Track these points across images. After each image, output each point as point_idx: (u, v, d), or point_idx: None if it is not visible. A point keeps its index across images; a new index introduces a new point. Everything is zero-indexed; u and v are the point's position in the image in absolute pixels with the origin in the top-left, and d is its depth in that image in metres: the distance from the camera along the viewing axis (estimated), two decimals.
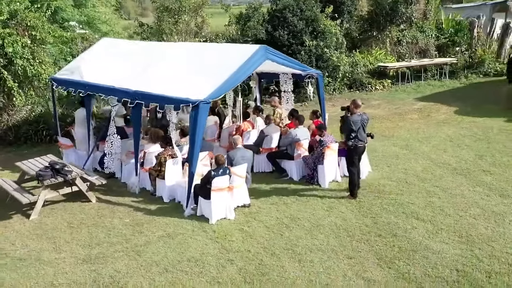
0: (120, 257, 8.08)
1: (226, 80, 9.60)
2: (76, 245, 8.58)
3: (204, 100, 9.20)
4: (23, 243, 8.73)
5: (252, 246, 8.25)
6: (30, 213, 9.84)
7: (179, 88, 9.86)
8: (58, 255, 8.24)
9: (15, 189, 10.14)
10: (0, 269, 7.90)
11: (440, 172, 11.08)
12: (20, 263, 8.03)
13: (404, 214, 9.11)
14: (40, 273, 7.72)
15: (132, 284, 7.31)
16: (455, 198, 9.65)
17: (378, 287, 6.97)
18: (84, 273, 7.65)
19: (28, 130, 15.54)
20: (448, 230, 8.42)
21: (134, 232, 8.95)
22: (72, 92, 12.49)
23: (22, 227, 9.38)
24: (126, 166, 11.46)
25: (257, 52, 10.12)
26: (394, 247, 7.96)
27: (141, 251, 8.25)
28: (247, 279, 7.32)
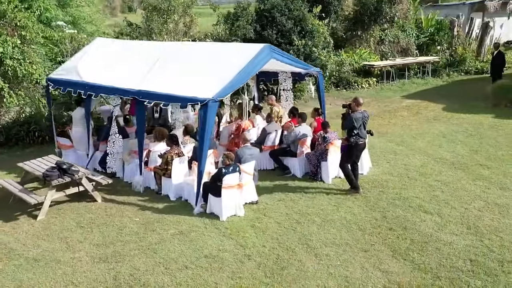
0: (137, 255, 8.12)
1: (233, 79, 9.70)
2: (90, 244, 8.58)
3: (213, 99, 9.28)
4: (35, 244, 8.68)
5: (266, 241, 8.38)
6: (36, 214, 9.79)
7: (184, 87, 9.91)
8: (73, 255, 8.23)
9: (20, 190, 10.06)
10: (16, 269, 7.86)
11: (439, 167, 11.39)
12: (35, 263, 8.00)
13: (411, 207, 9.36)
14: (57, 272, 7.70)
15: (153, 281, 7.36)
16: (458, 192, 9.95)
17: (396, 278, 7.17)
18: (103, 272, 7.67)
19: (19, 131, 15.33)
20: (456, 222, 8.70)
21: (146, 230, 8.98)
22: (72, 93, 12.36)
23: (31, 228, 9.31)
24: (129, 166, 11.46)
25: (262, 51, 10.24)
26: (406, 240, 8.20)
27: (156, 249, 8.30)
28: (267, 273, 7.44)
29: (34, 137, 15.12)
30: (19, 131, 15.33)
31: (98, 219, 9.57)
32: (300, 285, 7.12)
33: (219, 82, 9.66)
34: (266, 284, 7.18)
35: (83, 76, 12.14)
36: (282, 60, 10.79)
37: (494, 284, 6.94)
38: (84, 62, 12.88)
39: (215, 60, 10.56)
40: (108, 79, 11.45)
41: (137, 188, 10.86)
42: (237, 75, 9.79)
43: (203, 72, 10.26)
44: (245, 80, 10.38)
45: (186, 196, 10.15)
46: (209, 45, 12.64)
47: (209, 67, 10.39)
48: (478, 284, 6.94)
